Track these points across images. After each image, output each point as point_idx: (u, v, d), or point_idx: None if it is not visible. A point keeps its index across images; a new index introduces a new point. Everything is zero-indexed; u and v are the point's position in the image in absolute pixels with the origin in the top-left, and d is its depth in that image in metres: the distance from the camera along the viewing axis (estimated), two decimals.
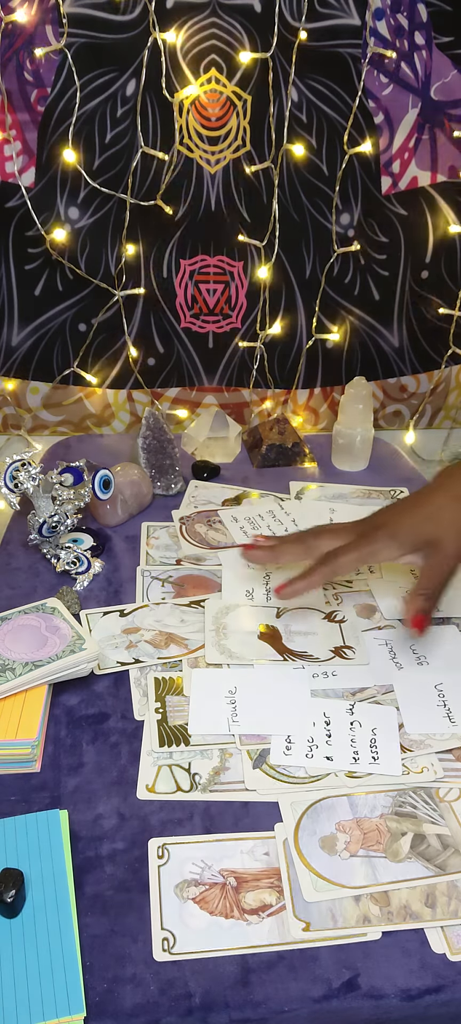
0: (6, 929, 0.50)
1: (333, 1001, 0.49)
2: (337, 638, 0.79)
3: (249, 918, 0.53)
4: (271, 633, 0.79)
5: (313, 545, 0.77)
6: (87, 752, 0.65)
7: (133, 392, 1.27)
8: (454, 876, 0.56)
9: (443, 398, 1.34)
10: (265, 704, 0.70)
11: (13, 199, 1.13)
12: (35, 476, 0.88)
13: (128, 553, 0.94)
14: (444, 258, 1.24)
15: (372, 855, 0.57)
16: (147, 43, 1.07)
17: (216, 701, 0.70)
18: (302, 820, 0.59)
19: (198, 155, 1.14)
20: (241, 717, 0.68)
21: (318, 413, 1.33)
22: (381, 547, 0.75)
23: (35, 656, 0.70)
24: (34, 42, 1.06)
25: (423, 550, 0.75)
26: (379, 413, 1.33)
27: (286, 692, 0.71)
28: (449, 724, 0.68)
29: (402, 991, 0.49)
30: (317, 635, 0.79)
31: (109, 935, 0.52)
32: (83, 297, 1.20)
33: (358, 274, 1.23)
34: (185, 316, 1.23)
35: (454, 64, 1.13)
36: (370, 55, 1.11)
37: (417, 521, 0.75)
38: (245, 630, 0.79)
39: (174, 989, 0.49)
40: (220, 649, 0.76)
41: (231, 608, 0.83)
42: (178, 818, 0.60)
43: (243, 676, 0.73)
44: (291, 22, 1.08)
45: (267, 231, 1.19)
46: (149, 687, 0.72)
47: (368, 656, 0.76)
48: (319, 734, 0.67)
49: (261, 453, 1.18)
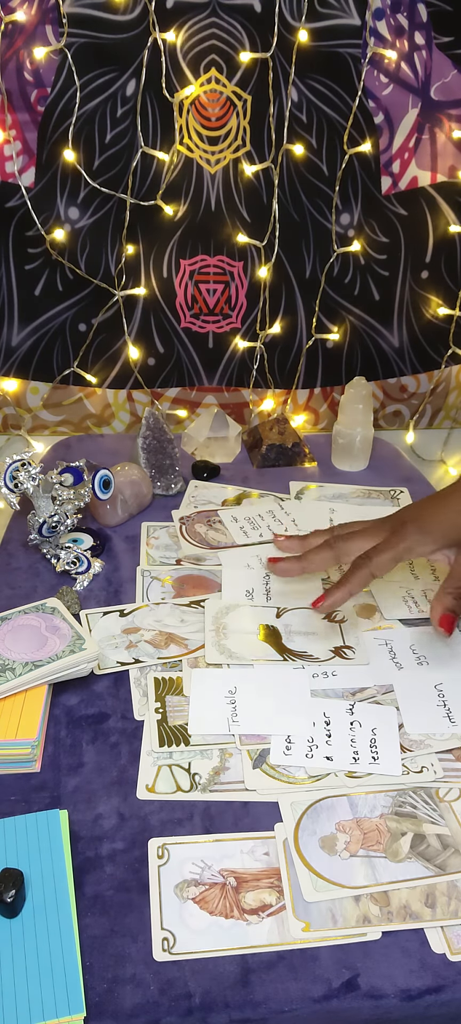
0: (6, 929, 0.50)
1: (333, 1001, 0.49)
2: (337, 638, 0.79)
3: (249, 918, 0.53)
4: (271, 633, 0.79)
5: (343, 549, 0.75)
6: (87, 752, 0.66)
7: (133, 392, 1.27)
8: (454, 876, 0.56)
9: (443, 398, 1.34)
10: (265, 704, 0.70)
11: (13, 199, 1.13)
12: (35, 476, 0.88)
13: (128, 553, 0.94)
14: (444, 258, 1.24)
15: (372, 855, 0.57)
16: (147, 43, 1.07)
17: (216, 701, 0.70)
18: (302, 820, 0.59)
19: (198, 155, 1.14)
20: (241, 717, 0.68)
21: (318, 413, 1.33)
22: (414, 543, 0.72)
23: (35, 656, 0.70)
24: (34, 42, 1.06)
25: (456, 545, 0.73)
26: (379, 413, 1.33)
27: (286, 692, 0.71)
28: (449, 724, 0.68)
29: (402, 991, 0.49)
30: (317, 635, 0.79)
31: (109, 935, 0.52)
32: (83, 297, 1.20)
33: (358, 274, 1.23)
34: (185, 316, 1.23)
35: (454, 64, 1.13)
36: (370, 55, 1.11)
37: (449, 515, 0.73)
38: (245, 630, 0.79)
39: (174, 989, 0.49)
40: (220, 649, 0.76)
41: (231, 608, 0.83)
42: (178, 818, 0.60)
43: (243, 676, 0.73)
44: (291, 22, 1.08)
45: (267, 231, 1.19)
46: (149, 687, 0.72)
47: (368, 656, 0.76)
48: (319, 734, 0.67)
49: (261, 453, 1.18)
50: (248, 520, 1.00)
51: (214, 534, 0.98)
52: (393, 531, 0.73)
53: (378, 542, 0.73)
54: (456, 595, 0.71)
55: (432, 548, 0.73)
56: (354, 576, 0.71)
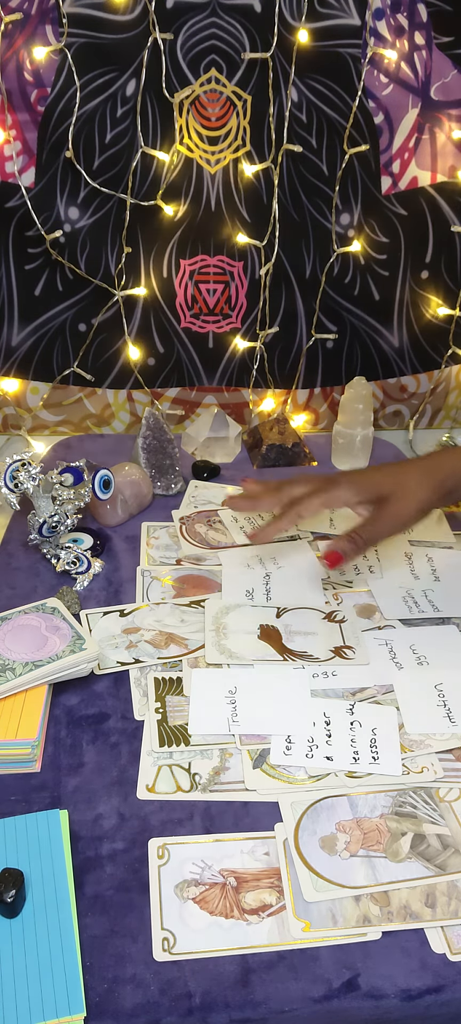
0: (6, 929, 0.50)
1: (333, 1001, 0.49)
2: (337, 638, 0.79)
3: (249, 918, 0.53)
4: (271, 633, 0.79)
5: (286, 492, 0.82)
6: (87, 752, 0.66)
7: (133, 392, 1.27)
8: (454, 876, 0.56)
9: (443, 398, 1.34)
10: (265, 704, 0.70)
11: (13, 199, 1.13)
12: (35, 476, 0.88)
13: (128, 553, 0.94)
14: (444, 258, 1.24)
15: (372, 855, 0.57)
16: (147, 43, 1.07)
17: (216, 701, 0.70)
18: (302, 820, 0.59)
19: (198, 155, 1.14)
20: (241, 717, 0.68)
21: (318, 413, 1.33)
22: (341, 492, 0.80)
23: (35, 656, 0.70)
24: (34, 42, 1.06)
25: (376, 502, 0.80)
26: (379, 413, 1.33)
27: (286, 692, 0.71)
28: (449, 724, 0.68)
29: (402, 991, 0.49)
30: (317, 635, 0.79)
31: (109, 935, 0.52)
32: (83, 297, 1.20)
33: (358, 274, 1.23)
34: (185, 316, 1.23)
35: (454, 64, 1.13)
36: (370, 55, 1.11)
37: (380, 476, 0.81)
38: (245, 630, 0.79)
39: (174, 989, 0.49)
40: (220, 649, 0.76)
41: (231, 608, 0.83)
42: (178, 818, 0.60)
43: (243, 676, 0.73)
44: (291, 22, 1.08)
45: (267, 231, 1.19)
46: (149, 687, 0.72)
47: (368, 656, 0.76)
48: (319, 734, 0.67)
49: (261, 453, 1.18)
50: (248, 520, 1.00)
51: (214, 534, 0.98)
52: (328, 479, 0.82)
53: (313, 488, 0.81)
54: (354, 541, 0.78)
55: (356, 500, 0.81)
56: (284, 516, 0.81)
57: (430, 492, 0.80)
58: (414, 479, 0.80)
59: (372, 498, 0.80)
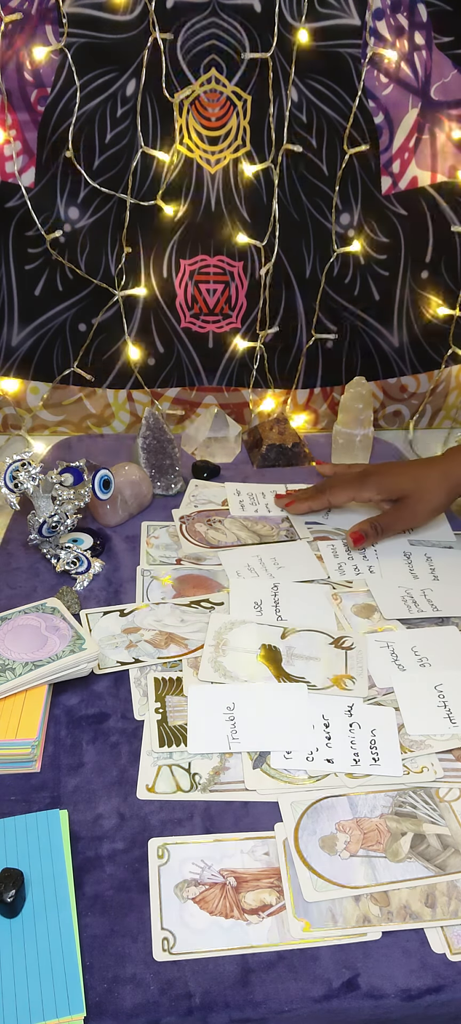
0: (6, 929, 0.50)
1: (333, 1001, 0.49)
2: (339, 666, 0.75)
3: (249, 918, 0.53)
4: (271, 655, 0.76)
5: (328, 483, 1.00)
6: (87, 752, 0.65)
7: (133, 392, 1.27)
8: (454, 876, 0.56)
9: (443, 398, 1.34)
10: (264, 720, 0.68)
11: (13, 199, 1.13)
12: (35, 476, 0.88)
13: (128, 553, 0.94)
14: (444, 258, 1.24)
15: (372, 855, 0.57)
16: (147, 43, 1.07)
17: (215, 718, 0.68)
18: (302, 820, 0.59)
19: (198, 155, 1.14)
20: (241, 734, 0.66)
21: (318, 413, 1.33)
22: (366, 492, 0.95)
23: (35, 656, 0.70)
24: (34, 42, 1.06)
25: (396, 500, 0.94)
26: (379, 413, 1.33)
27: (285, 707, 0.70)
28: (449, 724, 0.68)
29: (402, 991, 0.49)
30: (319, 661, 0.76)
31: (109, 935, 0.52)
32: (83, 297, 1.20)
33: (358, 274, 1.23)
34: (185, 316, 1.23)
35: (454, 64, 1.13)
36: (370, 55, 1.11)
37: (402, 479, 0.94)
38: (245, 648, 0.77)
39: (174, 989, 0.49)
40: (215, 666, 0.74)
41: (237, 624, 0.81)
42: (178, 818, 0.60)
43: (241, 692, 0.71)
44: (291, 22, 1.08)
45: (267, 231, 1.19)
46: (149, 687, 0.72)
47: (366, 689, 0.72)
48: (319, 738, 0.66)
49: (261, 453, 1.18)
50: (249, 495, 1.04)
51: (214, 533, 0.98)
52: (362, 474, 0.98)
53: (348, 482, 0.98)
54: (375, 527, 0.93)
55: (379, 497, 0.95)
56: (317, 497, 0.99)
57: (444, 496, 0.93)
58: (433, 482, 0.93)
59: (393, 497, 0.95)
